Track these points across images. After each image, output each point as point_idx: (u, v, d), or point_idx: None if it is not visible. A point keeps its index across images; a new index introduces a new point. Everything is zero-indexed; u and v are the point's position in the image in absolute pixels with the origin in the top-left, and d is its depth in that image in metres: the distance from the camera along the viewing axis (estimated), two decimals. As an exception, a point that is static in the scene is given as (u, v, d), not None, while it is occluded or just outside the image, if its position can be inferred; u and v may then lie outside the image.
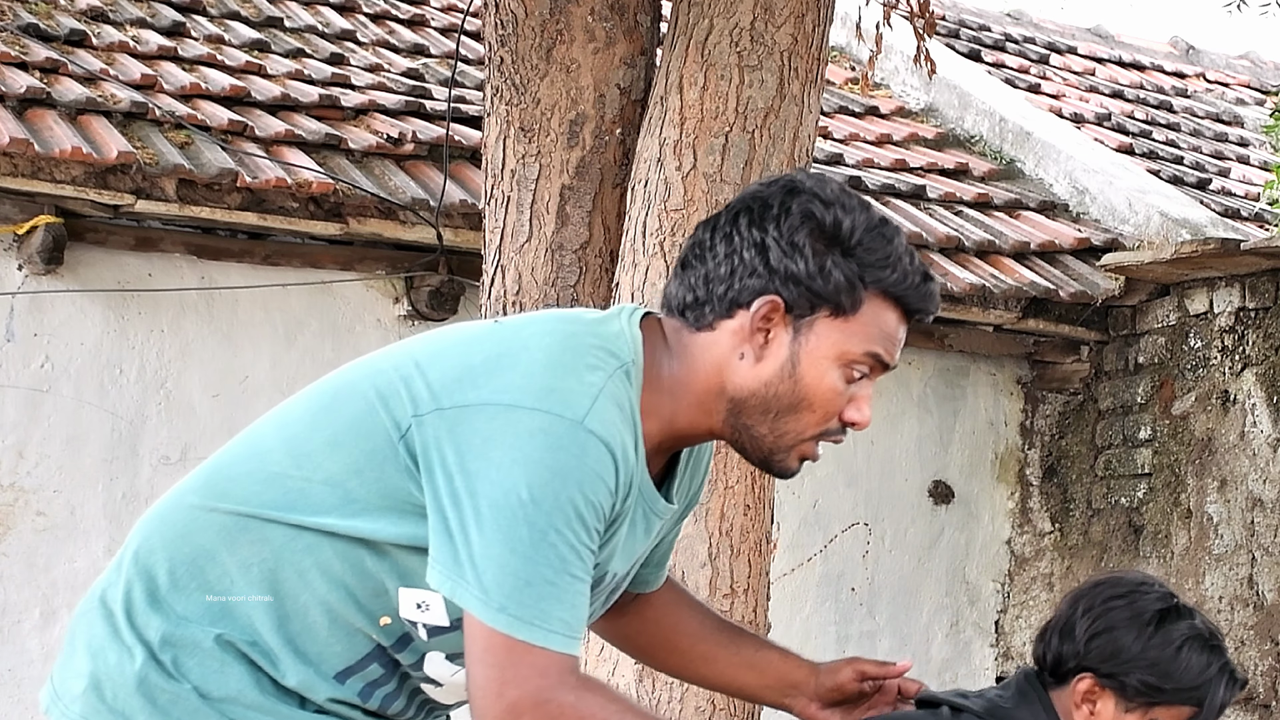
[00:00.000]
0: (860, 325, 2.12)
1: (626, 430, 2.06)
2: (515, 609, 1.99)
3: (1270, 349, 6.91)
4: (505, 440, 2.00)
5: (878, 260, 2.11)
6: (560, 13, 4.21)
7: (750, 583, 4.02)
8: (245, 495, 2.11)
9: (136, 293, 6.21)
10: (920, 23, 5.36)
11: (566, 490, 1.99)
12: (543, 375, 2.03)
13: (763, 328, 2.11)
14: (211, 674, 2.08)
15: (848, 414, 2.17)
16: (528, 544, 1.98)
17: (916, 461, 7.57)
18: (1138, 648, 2.50)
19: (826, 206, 2.11)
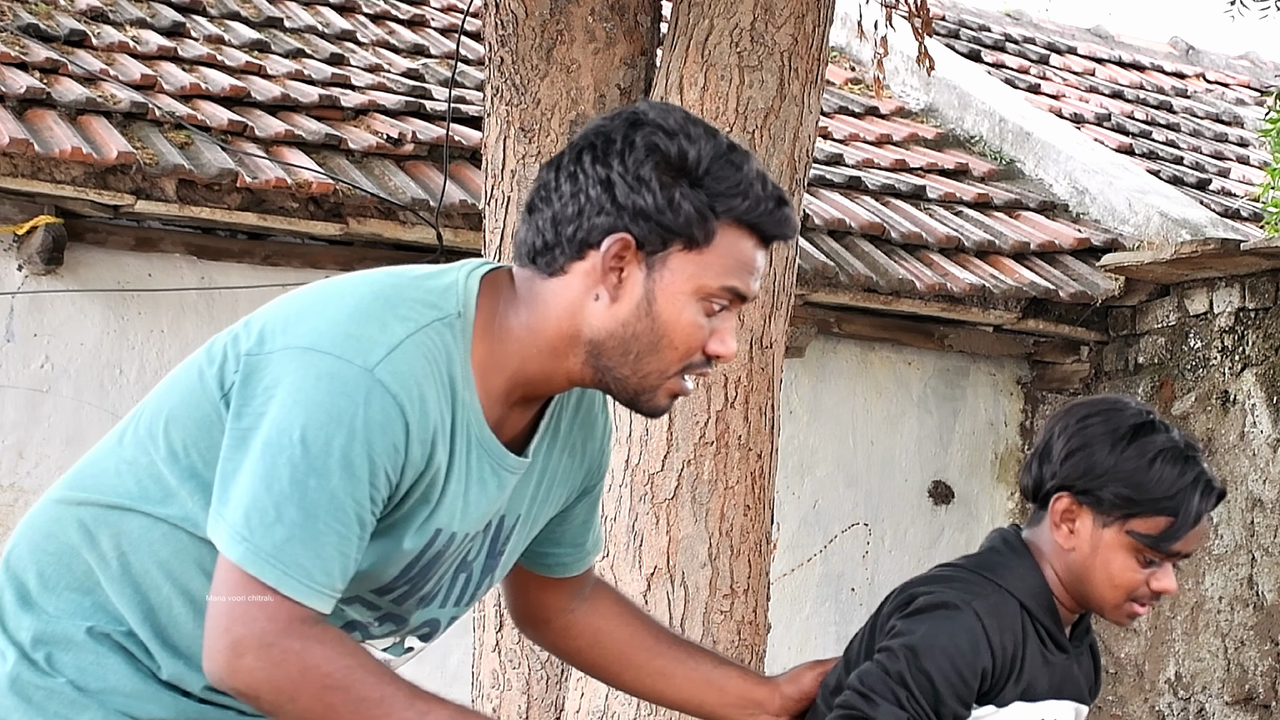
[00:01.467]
0: (715, 257, 2.03)
1: (436, 383, 1.98)
2: (257, 544, 1.92)
3: (1270, 349, 6.91)
4: (292, 382, 1.95)
5: (728, 189, 2.03)
6: (560, 13, 4.21)
7: (750, 583, 4.02)
8: (101, 486, 2.08)
9: (136, 293, 6.21)
10: (917, 21, 5.36)
11: (340, 437, 1.92)
12: (345, 322, 1.97)
13: (615, 267, 2.03)
14: (88, 667, 2.05)
15: (711, 347, 2.06)
16: (286, 483, 1.92)
17: (916, 462, 7.57)
18: (1111, 461, 2.47)
19: (671, 137, 2.02)
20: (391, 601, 2.12)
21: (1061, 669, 2.51)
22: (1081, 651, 2.57)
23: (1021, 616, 2.46)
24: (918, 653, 2.39)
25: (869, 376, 7.48)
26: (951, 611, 2.41)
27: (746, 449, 4.02)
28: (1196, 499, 2.45)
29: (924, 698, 2.37)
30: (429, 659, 6.68)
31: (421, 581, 2.11)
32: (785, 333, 4.13)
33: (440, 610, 2.19)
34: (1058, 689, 2.51)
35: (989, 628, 2.41)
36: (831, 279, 6.86)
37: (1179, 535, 2.45)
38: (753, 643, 4.03)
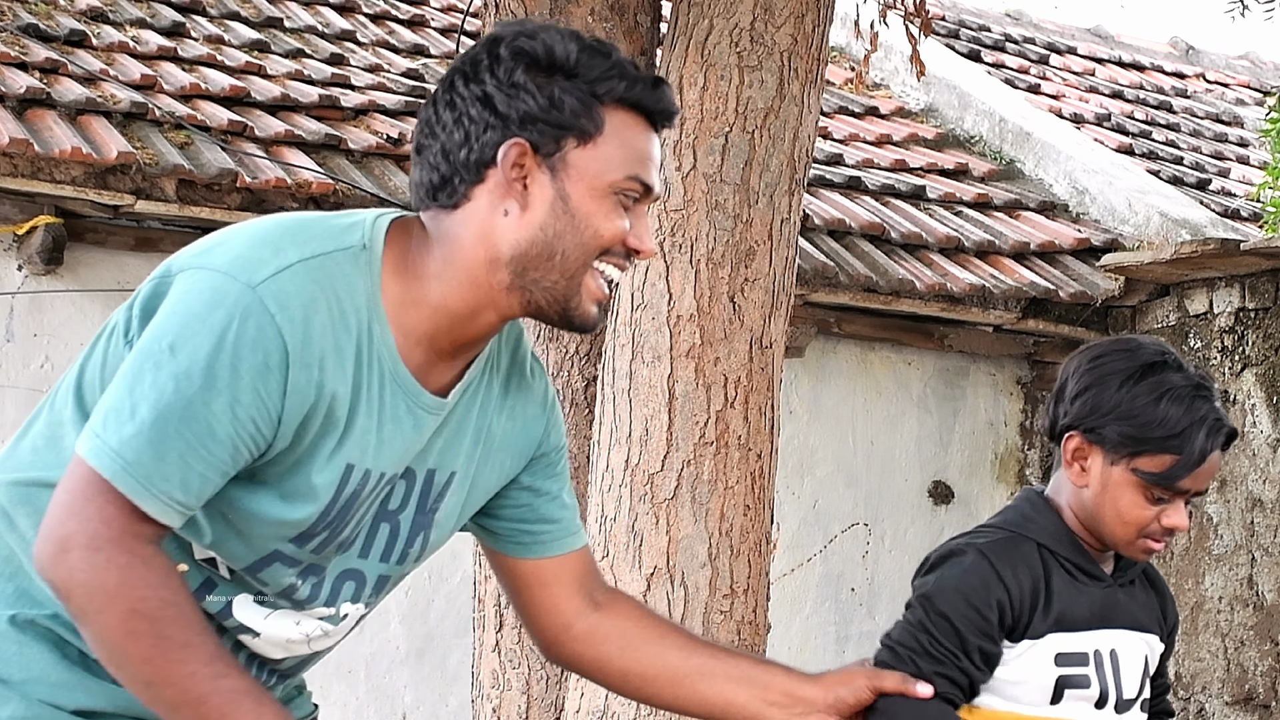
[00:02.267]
0: (611, 147, 2.03)
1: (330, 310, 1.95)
2: (105, 439, 1.89)
3: (1270, 349, 6.91)
4: (176, 296, 1.95)
5: (602, 73, 2.03)
6: (560, 13, 4.21)
7: (750, 583, 4.02)
8: (18, 463, 2.05)
9: (136, 293, 6.21)
10: (916, 22, 5.36)
11: (207, 346, 1.90)
12: (239, 245, 1.97)
13: (518, 177, 2.02)
14: (11, 657, 2.01)
15: (630, 241, 2.05)
16: (146, 386, 1.89)
17: (916, 462, 7.57)
18: (1118, 400, 2.49)
19: (533, 38, 2.03)
20: (311, 552, 2.07)
21: (1104, 599, 2.53)
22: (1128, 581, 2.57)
23: (1041, 554, 2.50)
24: (932, 599, 2.44)
25: (869, 376, 7.48)
26: (959, 557, 2.48)
27: (746, 449, 4.02)
28: (1202, 437, 2.46)
29: (946, 639, 2.42)
30: (429, 659, 6.68)
31: (340, 525, 2.06)
32: (785, 333, 4.13)
33: (362, 561, 2.13)
34: (1104, 618, 2.52)
35: (996, 563, 2.46)
36: (831, 279, 6.86)
37: (1185, 473, 2.46)
38: (752, 643, 4.03)
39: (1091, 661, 2.51)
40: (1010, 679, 2.49)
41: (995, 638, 2.45)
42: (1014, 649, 2.48)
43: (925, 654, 2.43)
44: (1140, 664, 2.56)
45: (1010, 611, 2.46)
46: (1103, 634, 2.53)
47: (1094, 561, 2.54)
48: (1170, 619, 2.64)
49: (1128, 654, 2.54)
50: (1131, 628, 2.56)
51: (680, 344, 4.00)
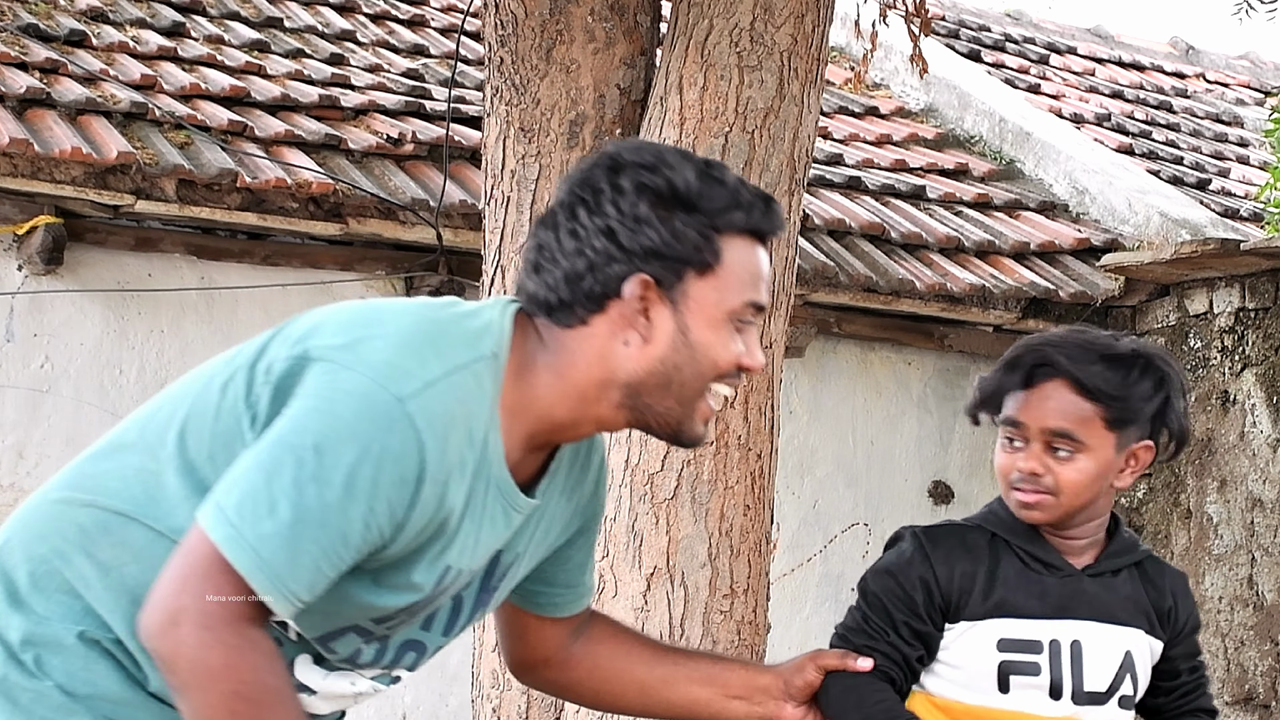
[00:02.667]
0: (729, 275, 2.09)
1: (463, 426, 1.99)
2: (241, 531, 1.91)
3: (1270, 349, 6.91)
4: (321, 392, 1.95)
5: (722, 204, 2.08)
6: (560, 13, 4.21)
7: (750, 583, 4.02)
8: (105, 489, 2.06)
9: (136, 293, 6.21)
10: (916, 22, 5.36)
11: (352, 457, 1.92)
12: (386, 350, 1.98)
13: (641, 309, 2.07)
14: (77, 671, 2.04)
15: (744, 361, 2.12)
16: (287, 482, 1.91)
17: (916, 461, 7.57)
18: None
19: (654, 172, 2.08)
20: (385, 628, 2.12)
21: (1064, 588, 2.55)
22: (1107, 573, 2.59)
23: (994, 543, 2.57)
24: (867, 581, 2.60)
25: (869, 376, 7.48)
26: (898, 544, 2.62)
27: (746, 449, 4.02)
28: (1016, 368, 2.57)
29: (877, 616, 2.55)
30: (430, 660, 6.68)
31: (420, 612, 2.12)
32: (785, 333, 4.13)
33: (425, 634, 2.19)
34: (1064, 608, 2.54)
35: (928, 546, 2.57)
36: (831, 279, 6.86)
37: (1000, 397, 2.59)
38: (752, 643, 4.03)
39: (1046, 650, 2.53)
40: (951, 662, 2.55)
41: (922, 616, 2.54)
42: (952, 630, 2.54)
43: (860, 631, 2.56)
44: (1114, 658, 2.55)
45: (938, 590, 2.54)
46: (1061, 624, 2.54)
47: (1054, 552, 2.57)
48: (1177, 616, 2.63)
49: (1094, 646, 2.54)
50: (1101, 620, 2.56)
51: (680, 344, 4.00)
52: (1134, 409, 2.59)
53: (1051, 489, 2.54)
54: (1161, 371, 2.63)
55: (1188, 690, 2.64)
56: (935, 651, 2.56)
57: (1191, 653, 2.65)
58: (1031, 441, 2.56)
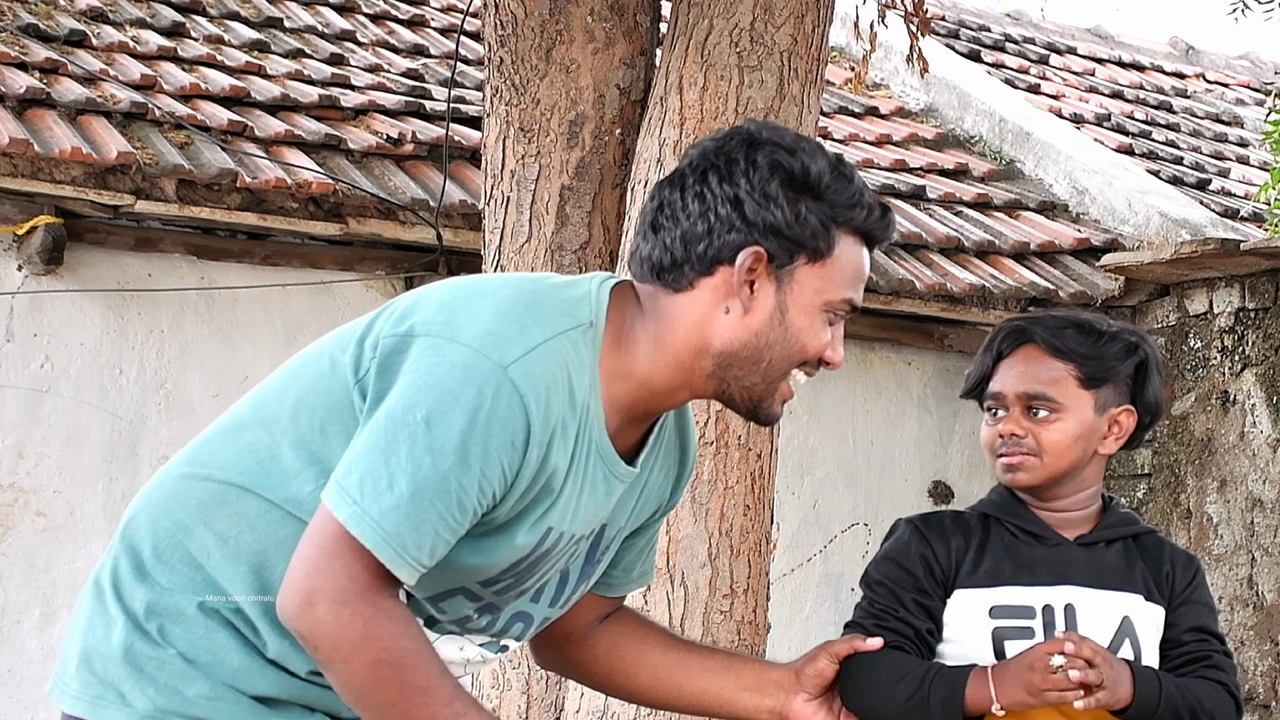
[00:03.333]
0: (837, 268, 2.17)
1: (567, 393, 2.07)
2: (365, 508, 1.99)
3: (1270, 349, 6.91)
4: (427, 365, 2.03)
5: (845, 201, 2.16)
6: (560, 13, 4.21)
7: (750, 583, 4.02)
8: (222, 463, 2.14)
9: (136, 293, 6.21)
10: (915, 22, 5.36)
11: (461, 423, 2.00)
12: (487, 320, 2.05)
13: (748, 280, 2.14)
14: (198, 640, 2.12)
15: (828, 355, 2.20)
16: (403, 457, 1.99)
17: (916, 461, 7.57)
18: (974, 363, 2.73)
19: (791, 154, 2.15)
20: (494, 593, 2.18)
21: (1054, 557, 2.62)
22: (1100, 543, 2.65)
23: (985, 521, 2.66)
24: (869, 572, 2.66)
25: (869, 376, 7.48)
26: (893, 533, 2.69)
27: (746, 449, 4.02)
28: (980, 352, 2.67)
29: (883, 599, 2.60)
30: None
31: (527, 576, 2.18)
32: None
33: (534, 606, 2.25)
34: (1059, 574, 2.60)
35: (923, 527, 2.67)
36: (831, 279, 6.85)
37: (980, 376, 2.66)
38: (752, 643, 4.03)
39: (1039, 615, 2.57)
40: (949, 635, 2.60)
41: (926, 589, 2.60)
42: (950, 603, 2.60)
43: (869, 615, 2.61)
44: (1110, 621, 2.58)
45: (937, 565, 2.61)
46: (1054, 589, 2.59)
47: (1042, 524, 2.64)
48: (1175, 583, 2.67)
49: (1089, 610, 2.58)
50: (1094, 585, 2.60)
51: (680, 344, 4.00)
52: (1107, 367, 2.64)
53: (1033, 450, 2.62)
54: (1134, 339, 2.69)
55: (1195, 657, 2.63)
56: (942, 627, 2.61)
57: (1199, 626, 2.66)
58: (1010, 408, 2.63)
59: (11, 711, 5.95)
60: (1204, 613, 2.67)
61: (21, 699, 5.97)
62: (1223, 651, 2.66)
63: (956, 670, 2.53)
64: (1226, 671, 2.64)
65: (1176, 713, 2.54)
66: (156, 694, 2.10)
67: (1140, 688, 2.52)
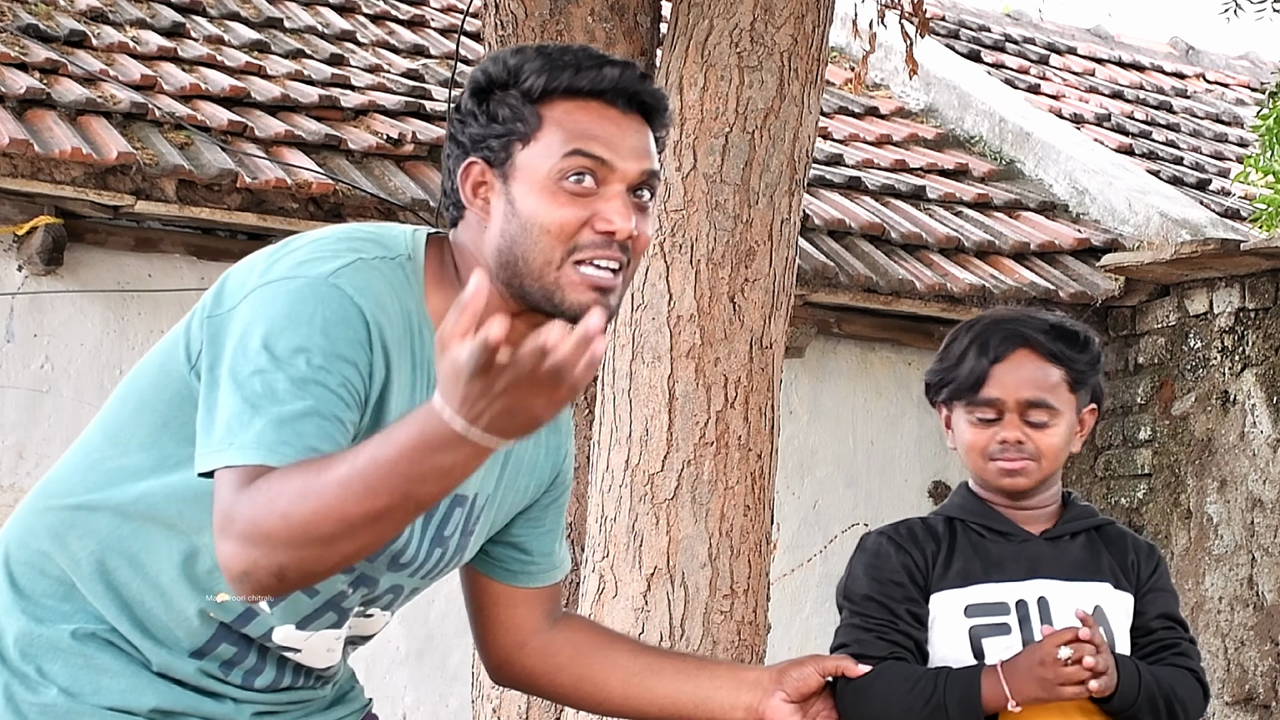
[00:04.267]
0: (550, 136, 2.06)
1: (390, 305, 2.02)
2: (238, 441, 1.91)
3: (1270, 349, 6.91)
4: (251, 312, 1.99)
5: (532, 73, 2.08)
6: (560, 13, 4.21)
7: (750, 583, 4.02)
8: (69, 488, 2.11)
9: (136, 293, 6.21)
10: (914, 22, 5.35)
11: (300, 331, 1.95)
12: (299, 254, 2.03)
13: (480, 193, 2.10)
14: (78, 671, 2.07)
15: (599, 226, 2.04)
16: (257, 387, 1.92)
17: (916, 462, 7.57)
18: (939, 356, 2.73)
19: (481, 70, 2.12)
20: (365, 560, 2.08)
21: (1021, 553, 2.63)
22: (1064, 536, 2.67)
23: (950, 524, 2.67)
24: (852, 589, 2.65)
25: (869, 377, 7.48)
26: (860, 550, 2.69)
27: (746, 449, 4.02)
28: (977, 347, 2.63)
29: (875, 614, 2.60)
30: (429, 659, 6.68)
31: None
32: (785, 333, 4.13)
33: (409, 579, 2.20)
34: (1029, 569, 2.62)
35: (894, 536, 2.65)
36: (831, 279, 6.86)
37: (974, 381, 2.62)
38: (753, 643, 4.03)
39: (1013, 611, 2.59)
40: (934, 641, 2.61)
41: (914, 597, 2.61)
42: (930, 607, 2.61)
43: (865, 631, 2.59)
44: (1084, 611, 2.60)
45: (917, 570, 2.63)
46: (1025, 584, 2.61)
47: (1006, 521, 2.66)
48: (1140, 570, 2.69)
49: (1061, 602, 2.59)
50: (1064, 577, 2.62)
51: (680, 344, 4.00)
52: (1085, 372, 2.67)
53: (1033, 455, 2.62)
54: (1092, 338, 2.72)
55: (1165, 644, 2.66)
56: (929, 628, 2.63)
57: (1166, 613, 2.69)
58: (1008, 413, 2.63)
59: (12, 712, 5.95)
60: (1170, 600, 2.71)
61: (22, 699, 5.97)
62: (1189, 639, 2.69)
63: (969, 670, 2.54)
64: (1193, 659, 2.68)
65: (1153, 701, 2.57)
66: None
67: (1123, 677, 2.54)
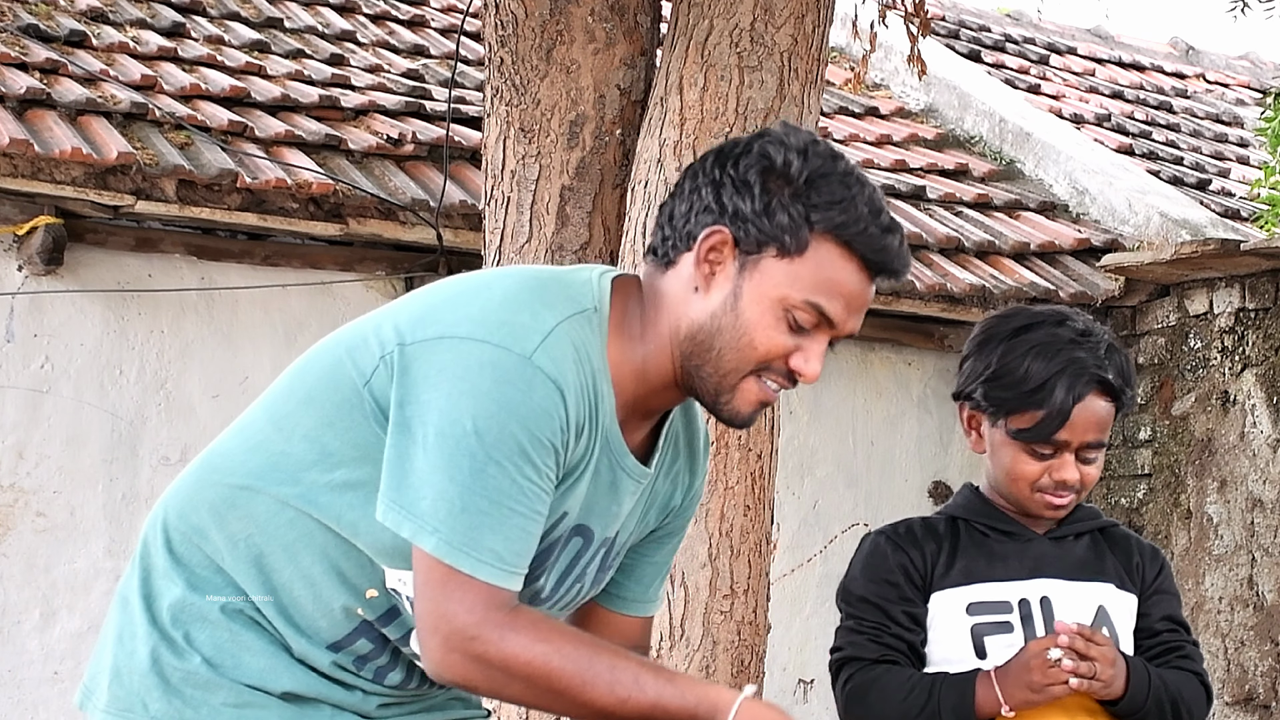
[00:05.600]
0: (807, 270, 2.09)
1: (581, 372, 2.07)
2: (448, 534, 2.00)
3: (1270, 349, 6.91)
4: (455, 371, 2.02)
5: (827, 202, 2.09)
6: (560, 13, 4.21)
7: (750, 583, 4.02)
8: (232, 466, 2.15)
9: (136, 293, 6.21)
10: (915, 23, 5.36)
11: (511, 425, 2.00)
12: (498, 310, 2.05)
13: (711, 260, 2.11)
14: (223, 643, 2.13)
15: (794, 361, 2.11)
16: (467, 474, 2.00)
17: (916, 462, 7.57)
18: (988, 363, 2.59)
19: (785, 149, 2.11)
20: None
21: (1025, 552, 2.62)
22: (1069, 536, 2.65)
23: (954, 524, 2.65)
24: (849, 590, 2.67)
25: (869, 377, 7.48)
26: (860, 550, 2.69)
27: (746, 449, 4.02)
28: (1062, 389, 2.52)
29: (869, 616, 2.62)
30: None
31: (538, 569, 2.15)
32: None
33: (545, 609, 2.23)
34: (1033, 569, 2.61)
35: (894, 537, 2.66)
36: (831, 279, 6.85)
37: (1053, 426, 2.53)
38: (753, 643, 4.03)
39: (1016, 609, 2.59)
40: (933, 637, 2.61)
41: (910, 598, 2.61)
42: (929, 606, 2.61)
43: (859, 634, 2.61)
44: (1087, 610, 2.61)
45: (915, 570, 2.62)
46: (1028, 583, 2.61)
47: (1011, 521, 2.64)
48: (1145, 572, 2.69)
49: (1064, 601, 2.60)
50: (1067, 577, 2.62)
51: (680, 344, 4.00)
52: (1134, 393, 2.64)
53: (1078, 488, 2.61)
54: (1129, 357, 2.70)
55: (1169, 647, 2.67)
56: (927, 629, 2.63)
57: (1170, 615, 2.69)
58: (1065, 452, 2.58)
59: (11, 712, 5.95)
60: (1174, 603, 2.71)
61: (22, 699, 5.97)
62: (1192, 642, 2.70)
63: (962, 676, 2.54)
64: (1197, 661, 2.68)
65: (1160, 704, 2.58)
66: (183, 705, 2.12)
67: (1133, 679, 2.54)
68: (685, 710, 2.02)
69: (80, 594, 6.04)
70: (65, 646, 6.02)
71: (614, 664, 2.05)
